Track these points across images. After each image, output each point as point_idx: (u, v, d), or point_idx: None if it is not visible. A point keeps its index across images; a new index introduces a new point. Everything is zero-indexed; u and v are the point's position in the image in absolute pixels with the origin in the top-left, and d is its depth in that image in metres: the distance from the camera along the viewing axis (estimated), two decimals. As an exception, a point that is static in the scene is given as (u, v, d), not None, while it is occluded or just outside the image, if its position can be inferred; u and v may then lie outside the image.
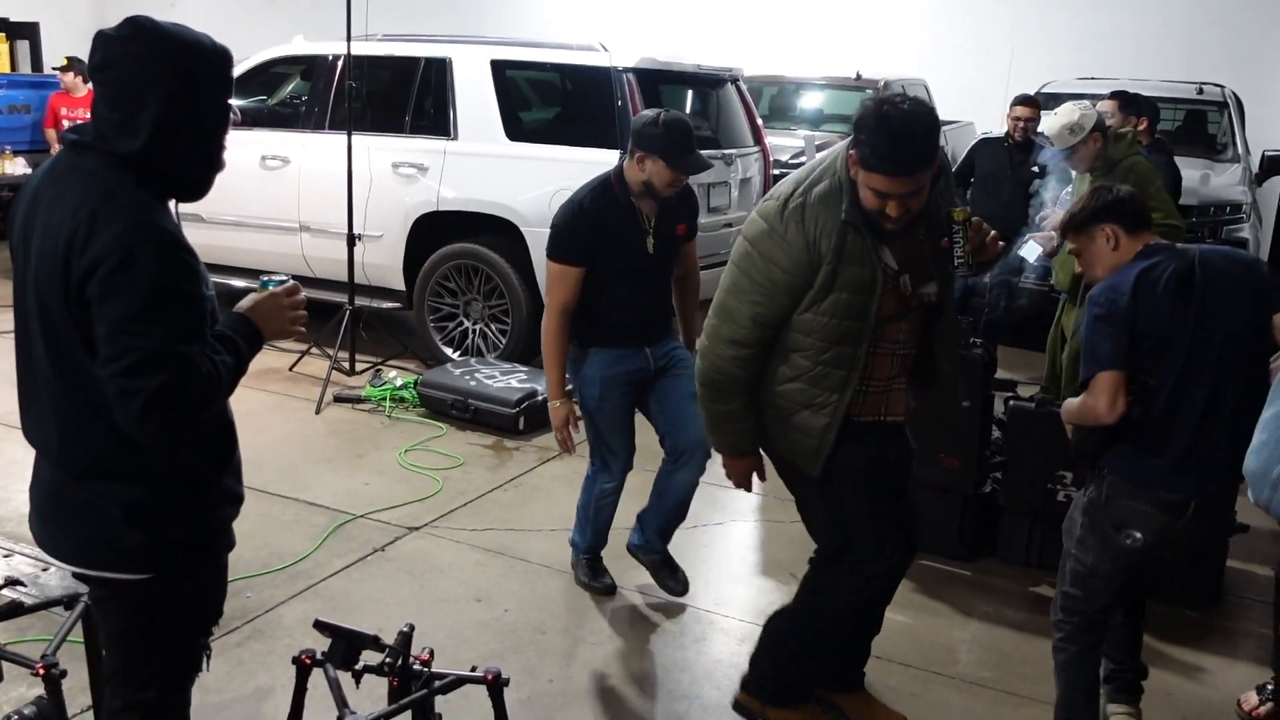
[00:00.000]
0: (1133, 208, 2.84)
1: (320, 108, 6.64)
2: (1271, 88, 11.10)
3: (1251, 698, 3.32)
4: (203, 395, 1.82)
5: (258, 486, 4.43)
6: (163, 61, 1.81)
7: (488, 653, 3.36)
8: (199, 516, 2.02)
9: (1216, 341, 2.67)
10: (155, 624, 2.03)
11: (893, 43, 12.18)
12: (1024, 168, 6.66)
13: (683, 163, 3.41)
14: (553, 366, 3.55)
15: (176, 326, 1.79)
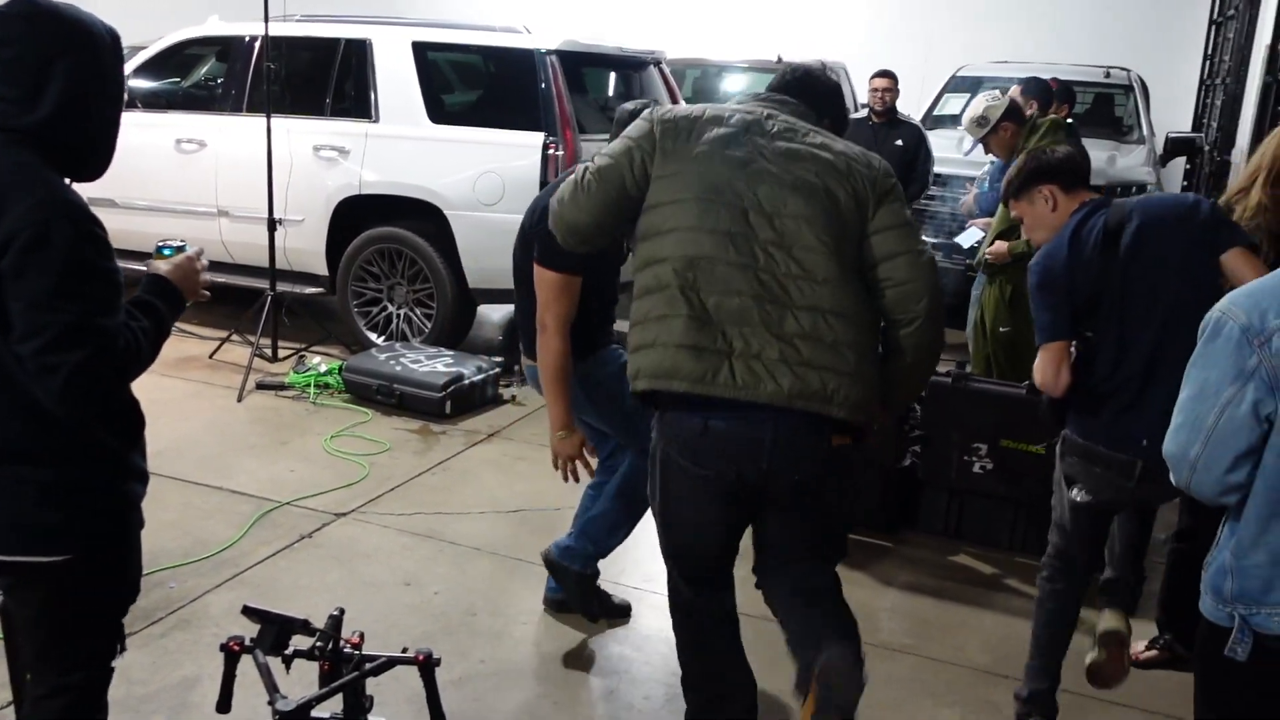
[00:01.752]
0: (1068, 165, 2.86)
1: (237, 90, 6.51)
2: (1175, 72, 11.50)
3: (1138, 646, 3.49)
4: (124, 366, 1.84)
5: (179, 475, 4.36)
6: (62, 39, 1.84)
7: (418, 636, 3.37)
8: (113, 494, 2.01)
9: (1152, 293, 2.63)
10: (75, 606, 2.02)
11: (813, 27, 12.33)
12: (889, 142, 6.80)
13: None
14: (561, 392, 3.05)
15: (93, 300, 1.79)
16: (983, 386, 4.26)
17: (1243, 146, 8.26)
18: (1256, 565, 1.85)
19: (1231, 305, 1.84)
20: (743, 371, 2.28)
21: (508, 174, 5.80)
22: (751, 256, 2.31)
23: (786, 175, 2.36)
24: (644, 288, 2.40)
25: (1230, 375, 1.80)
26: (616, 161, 2.45)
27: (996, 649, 3.55)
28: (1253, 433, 1.80)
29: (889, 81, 6.85)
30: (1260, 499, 1.83)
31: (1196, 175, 10.69)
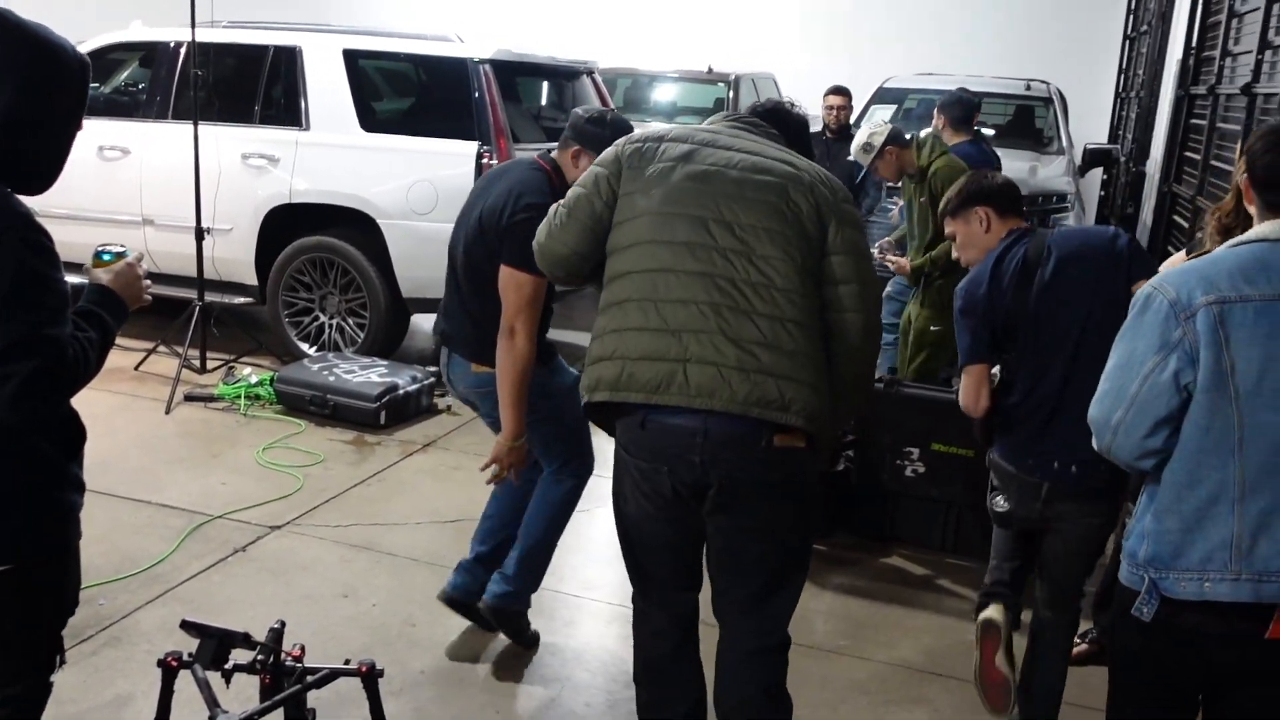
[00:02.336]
0: (1005, 191, 2.96)
1: (162, 96, 6.39)
2: (1092, 85, 11.88)
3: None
4: (73, 376, 1.83)
5: (106, 490, 4.26)
6: (21, 55, 1.82)
7: (357, 648, 3.34)
8: (53, 504, 1.99)
9: (1067, 320, 2.73)
10: (16, 616, 1.99)
11: (743, 38, 12.49)
12: (841, 157, 6.94)
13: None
14: (522, 401, 3.00)
15: (43, 311, 1.78)
16: (914, 391, 4.36)
17: (1156, 158, 8.56)
18: (1169, 531, 1.95)
19: (1163, 282, 1.95)
20: (697, 377, 2.28)
21: (441, 183, 5.78)
22: (711, 264, 2.31)
23: (748, 185, 2.38)
24: (606, 301, 2.42)
25: (1155, 346, 1.92)
26: (586, 190, 2.48)
27: (930, 648, 3.63)
28: (1172, 400, 1.91)
29: (844, 99, 7.00)
30: (1176, 467, 1.94)
31: (1113, 185, 11.04)
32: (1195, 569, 1.92)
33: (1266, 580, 1.87)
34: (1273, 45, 5.23)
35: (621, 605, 3.77)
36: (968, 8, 12.22)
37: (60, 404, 1.86)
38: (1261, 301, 1.86)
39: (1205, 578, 1.91)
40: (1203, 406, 1.89)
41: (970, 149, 5.89)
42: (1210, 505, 1.90)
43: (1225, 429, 1.88)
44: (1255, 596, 1.88)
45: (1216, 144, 6.09)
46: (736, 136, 2.51)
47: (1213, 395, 1.87)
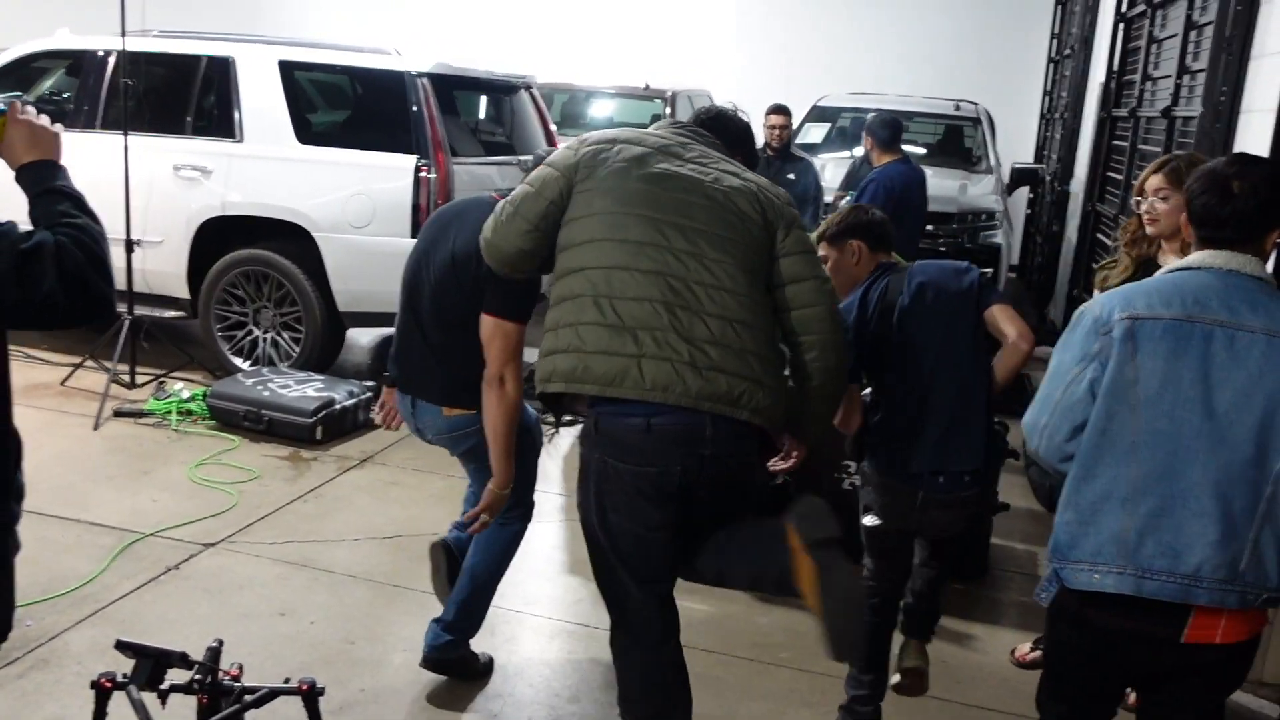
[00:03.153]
0: (880, 229, 3.16)
1: (90, 106, 6.26)
2: (1019, 106, 12.19)
3: (1024, 647, 3.72)
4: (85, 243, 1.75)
5: (33, 508, 4.08)
6: None
7: (296, 666, 3.29)
8: (14, 500, 1.94)
9: (924, 343, 2.94)
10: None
11: (679, 56, 12.60)
12: (781, 175, 7.05)
13: None
14: (512, 447, 2.96)
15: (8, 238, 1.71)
16: (850, 405, 4.42)
17: (1080, 177, 8.80)
18: (1067, 522, 2.12)
19: (1092, 302, 2.15)
20: (651, 373, 2.35)
21: (378, 196, 5.74)
22: (664, 264, 2.40)
23: (699, 191, 2.47)
24: (560, 295, 2.48)
25: (1078, 357, 2.11)
26: (534, 189, 2.55)
27: (868, 658, 3.67)
28: (1087, 408, 2.08)
29: (784, 119, 7.10)
30: (1076, 463, 2.10)
31: (1039, 203, 11.33)
32: (1087, 560, 2.07)
33: (1148, 577, 2.02)
34: (1190, 70, 5.43)
35: (563, 620, 3.78)
36: (899, 29, 12.48)
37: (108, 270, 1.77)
38: (1171, 320, 2.03)
39: (1095, 569, 2.06)
40: (1101, 409, 2.05)
41: (900, 167, 6.06)
42: (1102, 501, 2.06)
43: (1120, 432, 2.04)
44: (1136, 590, 2.02)
45: (1138, 164, 6.28)
46: (684, 145, 2.60)
47: (1110, 400, 2.04)
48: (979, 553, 4.35)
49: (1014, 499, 4.71)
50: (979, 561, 4.35)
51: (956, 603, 4.11)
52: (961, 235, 7.59)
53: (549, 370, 2.47)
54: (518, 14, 13.07)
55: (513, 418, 2.92)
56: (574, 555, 4.37)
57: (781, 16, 12.80)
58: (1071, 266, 8.29)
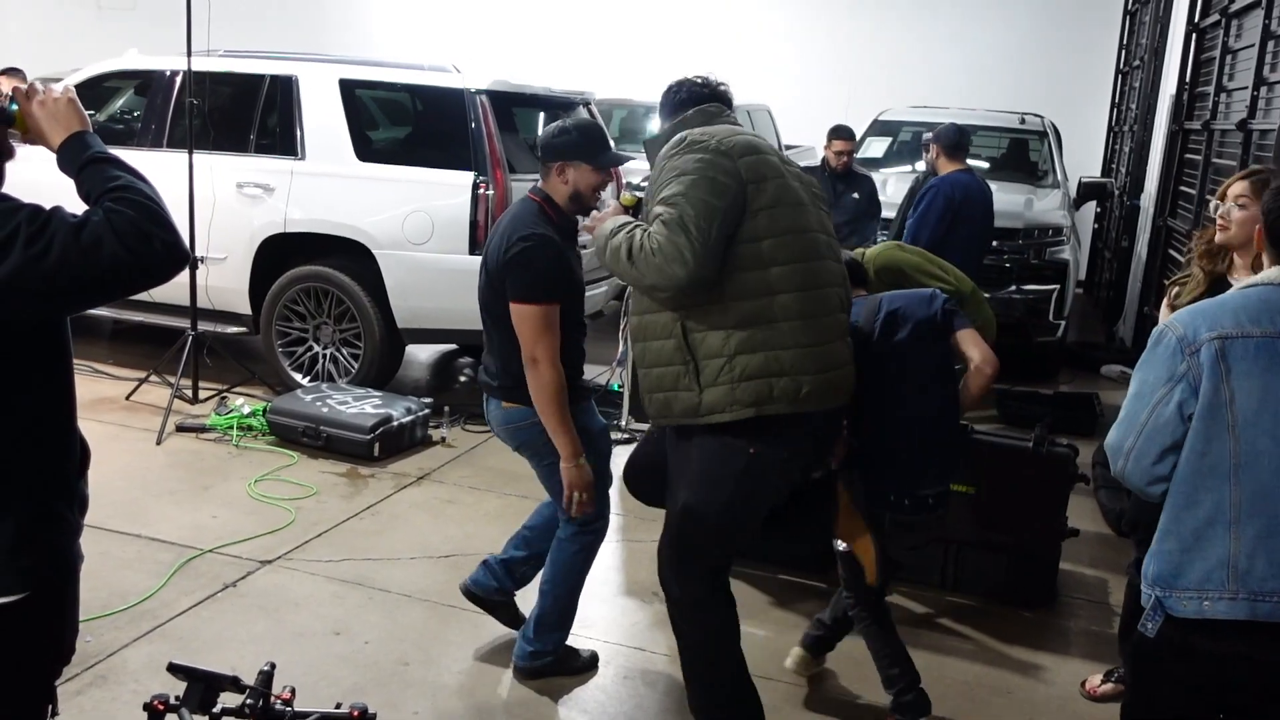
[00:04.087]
0: (854, 270, 3.35)
1: (158, 125, 6.37)
2: (1086, 118, 11.94)
3: (1095, 679, 3.58)
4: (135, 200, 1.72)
5: (95, 523, 4.15)
6: None
7: (349, 687, 3.27)
8: (54, 537, 1.91)
9: (896, 372, 3.05)
10: (11, 657, 1.91)
11: (738, 69, 12.51)
12: (846, 195, 6.97)
13: (607, 158, 3.19)
14: (567, 419, 3.06)
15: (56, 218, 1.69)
16: (912, 426, 4.32)
17: (1151, 192, 8.58)
18: (1169, 551, 2.06)
19: (1174, 321, 2.10)
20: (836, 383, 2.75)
21: (437, 213, 5.76)
22: (830, 276, 2.76)
23: (812, 198, 2.81)
24: (756, 317, 2.63)
25: (1163, 378, 2.06)
26: (720, 201, 2.58)
27: (930, 687, 3.56)
28: (1176, 430, 2.04)
29: (848, 144, 7.04)
30: (1174, 490, 2.06)
31: (1108, 219, 11.08)
32: (1194, 588, 2.02)
33: (1262, 599, 1.97)
34: (1268, 82, 5.25)
35: (619, 644, 3.72)
36: (962, 42, 12.30)
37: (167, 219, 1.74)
38: (1262, 338, 2.00)
39: (1204, 596, 2.01)
40: (1199, 433, 2.01)
41: (964, 177, 5.94)
42: (1207, 527, 2.01)
43: (1220, 455, 1.99)
44: (1251, 615, 1.97)
45: (1212, 179, 6.10)
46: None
47: (1208, 423, 2.00)
48: (1046, 579, 4.21)
49: (1083, 524, 4.58)
50: (1046, 588, 4.22)
51: (1023, 631, 3.99)
52: (1027, 251, 7.42)
53: (756, 394, 2.61)
54: (577, 30, 13.12)
55: (552, 393, 3.03)
56: (630, 576, 4.31)
57: (842, 30, 12.69)
58: (1142, 283, 8.08)
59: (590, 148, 3.14)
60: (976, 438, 4.18)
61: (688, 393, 2.67)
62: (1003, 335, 5.40)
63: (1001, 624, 4.02)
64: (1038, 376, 7.50)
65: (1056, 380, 7.69)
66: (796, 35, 12.87)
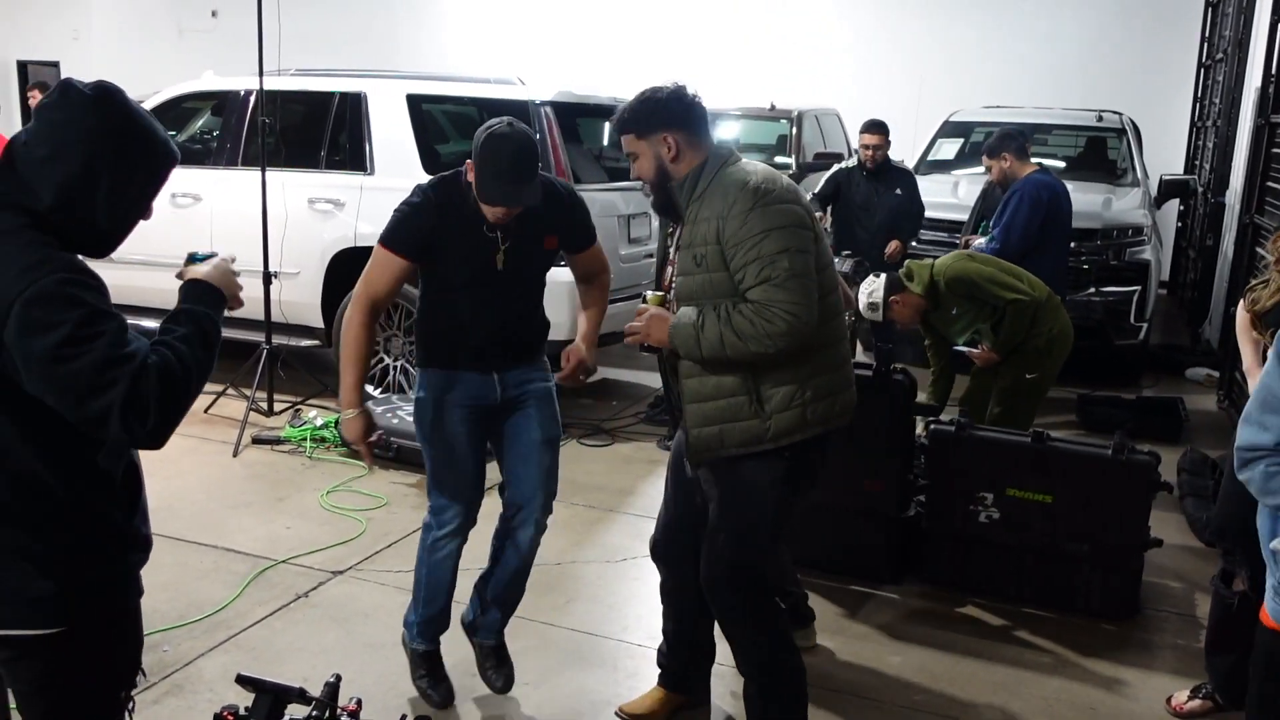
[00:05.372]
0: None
1: (232, 144, 6.52)
2: (1166, 114, 11.59)
3: (1182, 695, 3.44)
4: (170, 379, 1.76)
5: (173, 534, 4.30)
6: (107, 133, 1.82)
7: (418, 699, 3.29)
8: (108, 564, 1.95)
9: None
10: (70, 680, 1.95)
11: (806, 74, 12.44)
12: (890, 192, 6.82)
13: (495, 192, 2.88)
14: (349, 366, 3.04)
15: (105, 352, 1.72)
16: (988, 435, 4.22)
17: (1236, 189, 8.30)
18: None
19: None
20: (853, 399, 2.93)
21: (504, 224, 5.79)
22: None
23: None
24: (823, 342, 2.76)
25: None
26: (810, 249, 2.69)
27: (1008, 703, 3.47)
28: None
29: (879, 138, 6.86)
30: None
31: (1191, 217, 10.74)
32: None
33: None
34: (1360, 71, 5.03)
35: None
36: (1035, 39, 12.04)
37: (177, 408, 1.77)
38: None
39: None
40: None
41: (1047, 177, 5.77)
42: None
43: None
44: None
45: (1301, 173, 5.87)
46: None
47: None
48: (1129, 591, 4.07)
49: (1167, 534, 4.42)
50: (1129, 600, 4.08)
51: (1105, 644, 3.86)
52: (1106, 252, 7.22)
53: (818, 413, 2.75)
54: (643, 39, 13.13)
55: (346, 336, 3.06)
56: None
57: (912, 29, 12.51)
58: (1228, 283, 7.80)
59: (486, 171, 2.89)
60: (1053, 444, 4.07)
61: (750, 421, 2.72)
62: (1082, 339, 5.28)
63: (1082, 637, 3.90)
64: (1119, 381, 7.30)
65: (1139, 385, 7.46)
66: (864, 36, 12.73)
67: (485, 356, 3.10)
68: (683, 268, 2.75)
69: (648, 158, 2.77)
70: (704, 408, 2.75)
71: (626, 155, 2.84)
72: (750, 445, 2.72)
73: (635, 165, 2.82)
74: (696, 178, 2.74)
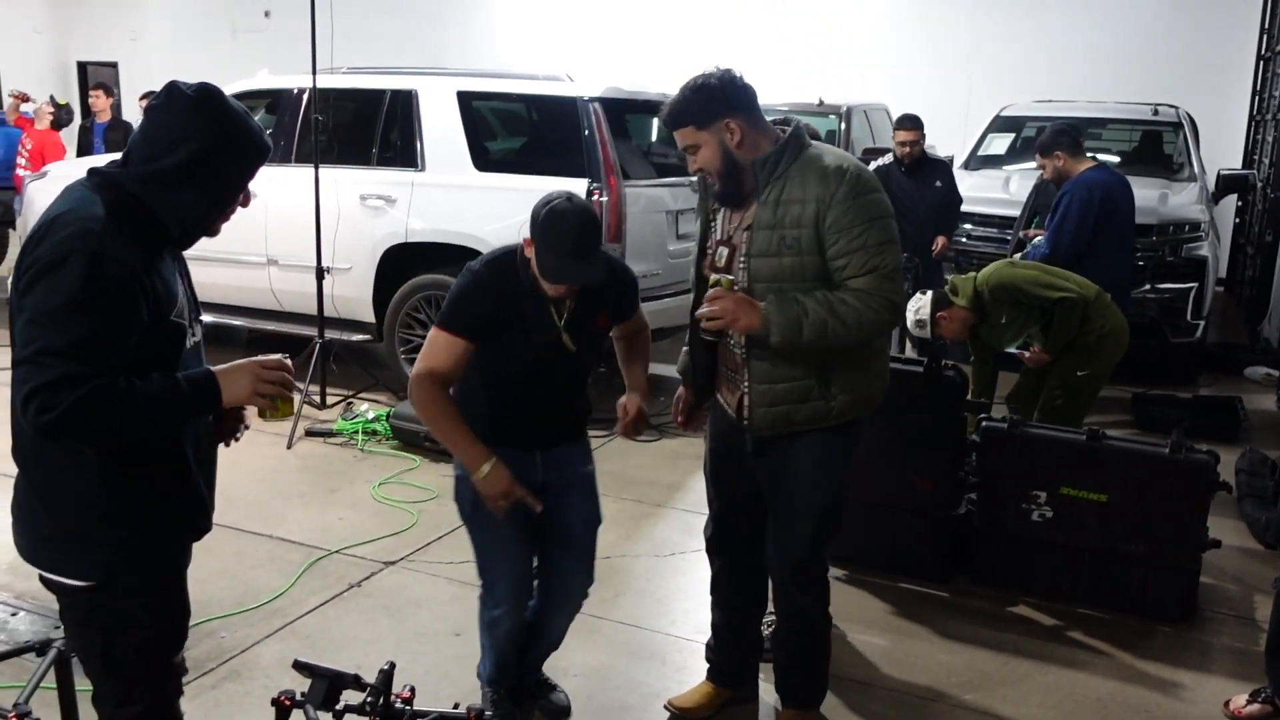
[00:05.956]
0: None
1: (286, 141, 6.61)
2: (1224, 108, 11.36)
3: (1240, 699, 3.38)
4: (95, 406, 1.80)
5: (229, 524, 4.37)
6: (205, 129, 1.93)
7: (469, 687, 3.32)
8: (146, 531, 2.02)
9: None
10: (107, 636, 2.04)
11: (855, 68, 12.36)
12: (930, 185, 6.75)
13: (558, 269, 2.68)
14: (449, 431, 2.81)
15: (85, 334, 1.81)
16: (1041, 432, 4.17)
17: (1298, 183, 8.12)
18: None
19: None
20: None
21: (553, 220, 5.81)
22: None
23: None
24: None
25: None
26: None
27: (1060, 704, 3.43)
28: None
29: (914, 134, 6.79)
30: None
31: (1249, 213, 10.52)
32: None
33: None
34: None
35: (734, 650, 3.67)
36: (1088, 31, 11.85)
37: (80, 426, 1.81)
38: None
39: None
40: None
41: (1099, 174, 5.60)
42: None
43: None
44: None
45: (1366, 168, 5.73)
46: None
47: None
48: (1186, 592, 4.00)
49: (1225, 535, 4.34)
50: (1186, 602, 4.01)
51: (1161, 646, 3.80)
52: (1162, 248, 7.09)
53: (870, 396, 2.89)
54: (691, 34, 13.12)
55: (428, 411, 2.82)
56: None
57: (962, 22, 12.36)
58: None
59: (547, 248, 2.68)
60: (1108, 443, 4.01)
61: (818, 401, 2.79)
62: (1138, 336, 5.18)
63: (1137, 639, 3.84)
64: (1175, 380, 7.17)
65: (1196, 383, 7.33)
66: (913, 30, 12.61)
67: (529, 435, 2.93)
68: (763, 249, 2.71)
69: (711, 147, 2.73)
70: (775, 389, 2.78)
71: (684, 149, 2.78)
72: (817, 422, 2.80)
73: (696, 157, 2.77)
74: (779, 158, 2.71)
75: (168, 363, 1.96)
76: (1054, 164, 5.60)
